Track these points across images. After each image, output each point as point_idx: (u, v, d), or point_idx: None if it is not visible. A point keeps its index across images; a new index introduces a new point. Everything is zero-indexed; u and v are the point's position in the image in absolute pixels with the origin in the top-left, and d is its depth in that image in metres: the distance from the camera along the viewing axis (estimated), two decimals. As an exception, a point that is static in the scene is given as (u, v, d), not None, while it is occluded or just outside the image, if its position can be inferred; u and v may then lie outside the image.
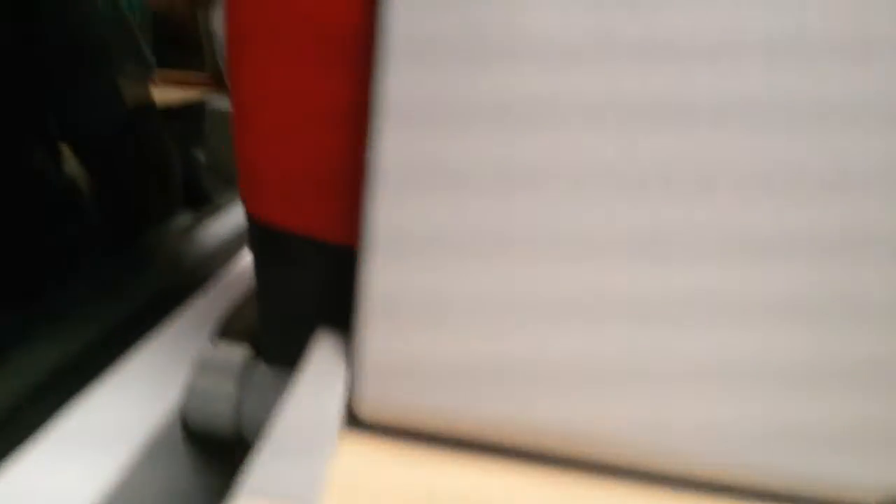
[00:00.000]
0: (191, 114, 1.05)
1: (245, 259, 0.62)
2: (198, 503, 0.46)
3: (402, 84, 0.24)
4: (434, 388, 0.28)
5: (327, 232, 0.32)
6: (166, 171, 0.66)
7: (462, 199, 0.25)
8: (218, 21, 0.36)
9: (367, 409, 0.29)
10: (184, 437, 0.42)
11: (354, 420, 0.30)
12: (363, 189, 0.26)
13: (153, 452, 0.39)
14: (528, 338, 0.27)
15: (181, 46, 1.40)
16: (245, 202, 0.34)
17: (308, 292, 0.35)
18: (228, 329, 0.45)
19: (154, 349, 0.46)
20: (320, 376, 0.30)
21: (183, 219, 0.73)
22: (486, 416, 0.29)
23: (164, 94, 0.99)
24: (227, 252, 0.64)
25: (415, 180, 0.25)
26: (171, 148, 0.66)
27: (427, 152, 0.25)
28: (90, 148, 0.60)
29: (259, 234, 0.34)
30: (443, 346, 0.27)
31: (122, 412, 0.39)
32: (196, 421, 0.41)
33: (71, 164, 0.63)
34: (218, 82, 1.33)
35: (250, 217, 0.34)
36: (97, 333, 0.48)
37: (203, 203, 0.86)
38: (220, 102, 1.07)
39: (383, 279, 0.27)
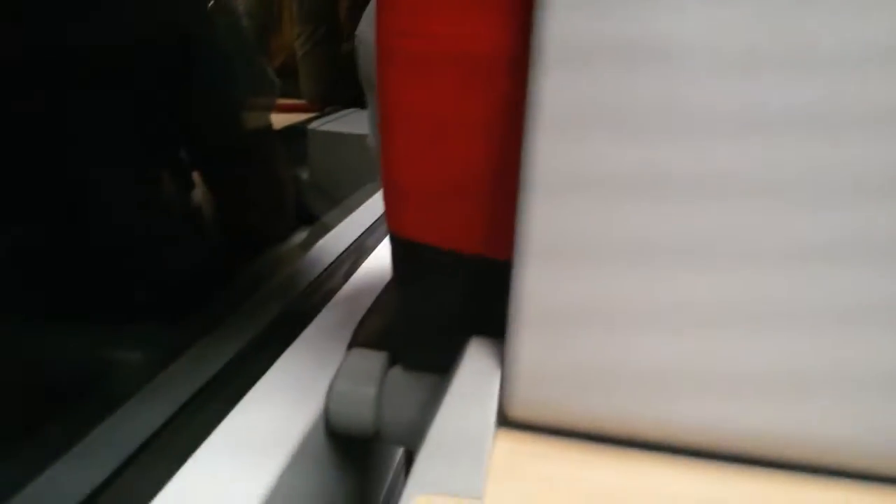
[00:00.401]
0: (293, 136, 1.11)
1: (364, 271, 0.65)
2: (339, 500, 0.49)
3: (555, 91, 0.26)
4: (584, 390, 0.30)
5: (469, 244, 0.34)
6: (285, 192, 0.71)
7: (615, 205, 0.27)
8: (367, 34, 0.39)
9: (519, 410, 0.31)
10: (327, 438, 0.45)
11: (506, 420, 0.32)
12: (515, 200, 0.29)
13: (302, 455, 0.42)
14: (677, 342, 0.28)
15: (282, 73, 1.48)
16: (388, 220, 0.37)
17: (449, 303, 0.37)
18: (362, 337, 0.48)
19: (294, 359, 0.49)
20: (473, 380, 0.32)
21: (299, 236, 0.78)
22: (632, 415, 0.30)
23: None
24: (346, 266, 0.68)
25: (568, 188, 0.27)
26: (289, 170, 0.70)
27: (580, 160, 0.27)
28: (218, 173, 0.65)
29: (401, 250, 0.37)
30: (593, 350, 0.29)
31: (273, 420, 0.43)
32: (339, 423, 0.45)
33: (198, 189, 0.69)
34: (314, 107, 1.40)
35: (393, 234, 0.37)
36: (240, 347, 0.52)
37: (311, 221, 0.90)
38: (320, 125, 1.13)
39: (536, 287, 0.29)
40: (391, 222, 0.37)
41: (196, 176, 0.68)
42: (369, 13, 0.41)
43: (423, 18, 0.30)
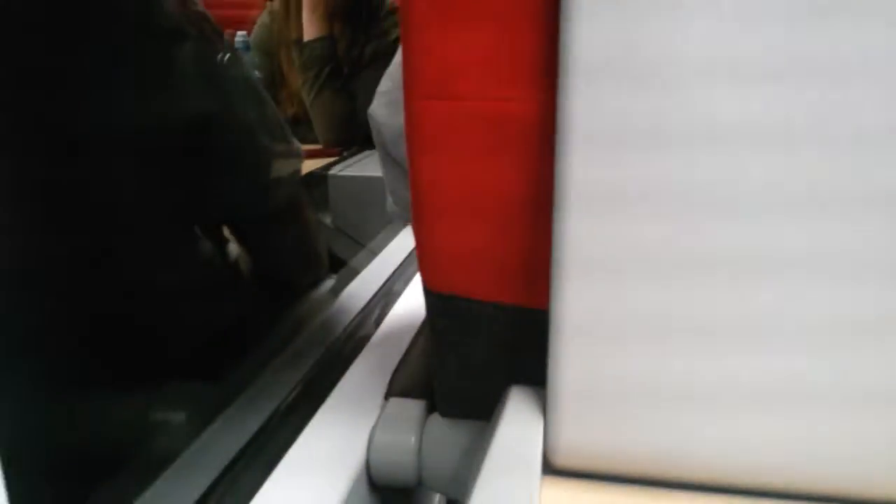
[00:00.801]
0: (315, 182, 1.13)
1: (395, 317, 0.66)
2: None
3: (583, 166, 0.27)
4: (628, 435, 0.30)
5: (506, 295, 0.35)
6: (315, 241, 0.73)
7: (647, 269, 0.28)
8: (380, 111, 0.40)
9: (564, 458, 0.32)
10: (369, 491, 0.46)
11: (551, 468, 0.32)
12: (549, 250, 0.30)
13: (347, 507, 0.42)
14: (722, 385, 0.29)
15: (295, 122, 1.51)
16: (422, 275, 0.38)
17: (487, 352, 0.38)
18: (398, 385, 0.49)
19: (332, 412, 0.50)
20: (516, 429, 0.33)
21: (328, 282, 0.79)
22: (677, 459, 0.31)
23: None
24: (376, 312, 0.69)
25: (600, 257, 0.28)
26: (318, 222, 0.72)
27: (611, 234, 0.28)
28: (249, 233, 0.67)
29: (437, 303, 0.38)
30: (636, 396, 0.30)
31: (316, 476, 0.43)
32: (381, 475, 0.45)
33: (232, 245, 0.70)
34: (332, 151, 1.42)
35: (427, 289, 0.38)
36: (278, 402, 0.53)
37: (338, 265, 0.92)
38: (340, 170, 1.15)
39: (576, 334, 0.30)
40: (426, 277, 0.38)
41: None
42: (383, 89, 0.43)
43: (450, 81, 0.31)
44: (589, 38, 0.27)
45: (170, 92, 0.53)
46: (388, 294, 0.75)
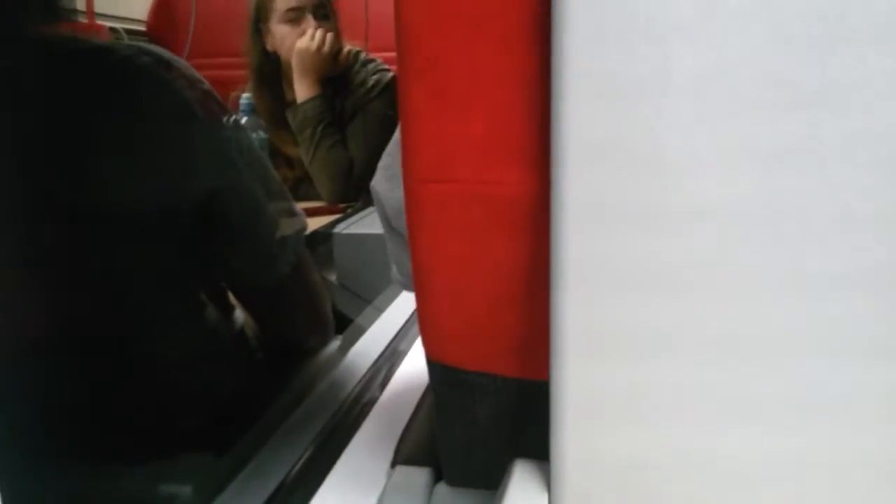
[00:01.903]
0: (319, 240, 1.14)
1: (400, 379, 0.66)
2: None
3: (578, 246, 0.28)
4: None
5: (507, 367, 0.36)
6: (322, 305, 0.73)
7: (645, 360, 0.29)
8: (381, 185, 0.42)
9: (569, 532, 0.32)
10: (378, 559, 0.46)
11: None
12: (548, 324, 0.30)
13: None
14: (725, 450, 0.29)
15: (301, 183, 1.54)
16: (425, 346, 0.39)
17: (490, 423, 0.38)
18: (404, 453, 0.49)
19: (339, 480, 0.50)
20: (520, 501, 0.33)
21: (334, 343, 0.80)
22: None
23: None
24: (381, 374, 0.69)
25: (597, 332, 0.29)
26: (324, 283, 0.72)
27: (605, 313, 0.29)
28: (255, 298, 0.68)
29: (440, 374, 0.38)
30: (638, 467, 0.30)
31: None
32: (389, 544, 0.45)
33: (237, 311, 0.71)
34: (336, 209, 1.44)
35: (430, 360, 0.39)
36: (286, 472, 0.53)
37: (344, 324, 0.92)
38: (345, 228, 1.17)
39: (576, 406, 0.30)
40: (429, 349, 0.38)
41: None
42: (384, 164, 0.44)
43: (447, 165, 0.32)
44: (579, 125, 0.28)
45: (178, 169, 0.55)
46: (393, 354, 0.75)
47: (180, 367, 0.57)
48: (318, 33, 1.41)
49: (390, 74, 1.54)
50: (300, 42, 1.42)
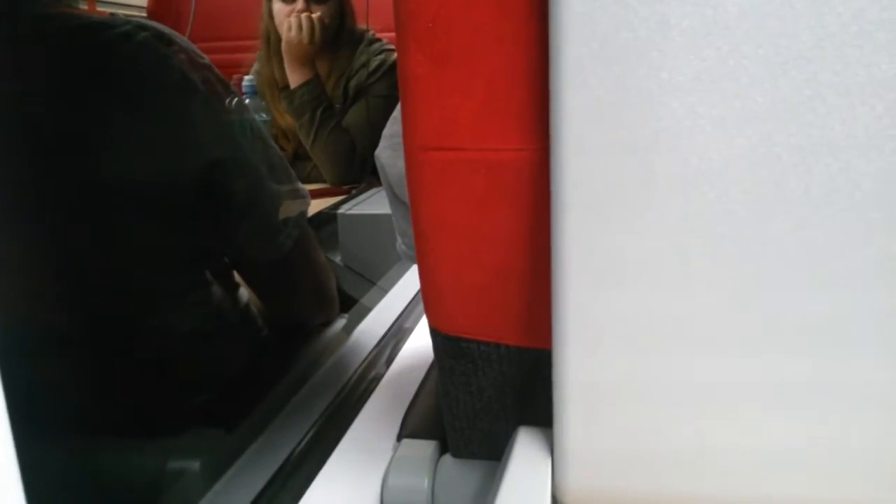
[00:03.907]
0: (323, 221, 1.15)
1: (405, 356, 0.67)
2: None
3: (577, 186, 0.28)
4: (634, 472, 0.31)
5: (510, 336, 0.36)
6: (326, 284, 0.74)
7: (646, 286, 0.29)
8: (385, 153, 0.42)
9: (572, 497, 0.32)
10: (386, 531, 0.46)
11: (560, 508, 0.33)
12: (550, 290, 0.30)
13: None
14: (720, 419, 0.29)
15: (298, 160, 1.53)
16: (428, 316, 0.39)
17: (494, 392, 0.39)
18: (410, 427, 0.49)
19: (346, 455, 0.50)
20: (525, 470, 0.33)
21: (339, 322, 0.80)
22: (683, 494, 0.31)
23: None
24: (387, 351, 0.69)
25: (599, 275, 0.29)
26: (328, 262, 0.73)
27: (608, 247, 0.29)
28: (260, 275, 0.68)
29: (443, 344, 0.39)
30: (641, 433, 0.30)
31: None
32: (396, 516, 0.45)
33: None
34: (340, 190, 1.44)
35: (434, 330, 0.39)
36: (293, 447, 0.53)
37: (348, 304, 0.92)
38: (349, 208, 1.17)
39: (579, 372, 0.30)
40: (431, 319, 0.38)
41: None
42: (388, 133, 0.44)
43: (447, 133, 0.32)
44: (577, 88, 0.28)
45: (180, 143, 0.55)
46: (398, 332, 0.75)
47: (186, 344, 0.57)
48: (304, 22, 1.38)
49: (395, 55, 1.52)
50: (285, 33, 1.40)
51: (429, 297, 0.38)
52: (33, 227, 0.50)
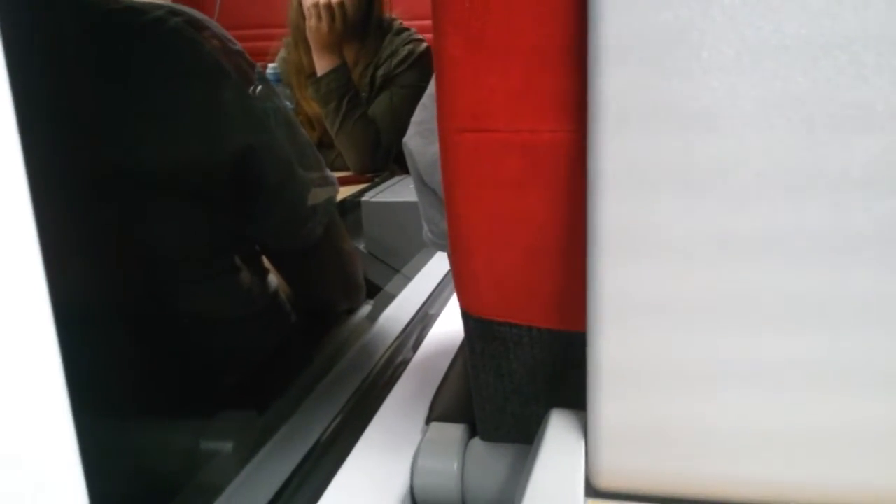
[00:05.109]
0: (348, 208, 1.15)
1: (432, 340, 0.67)
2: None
3: (615, 167, 0.28)
4: (669, 454, 0.31)
5: (544, 319, 0.36)
6: (353, 270, 0.74)
7: (681, 267, 0.28)
8: (414, 141, 0.42)
9: (606, 480, 0.32)
10: (415, 513, 0.46)
11: (594, 491, 0.33)
12: (584, 272, 0.30)
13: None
14: (759, 400, 0.29)
15: (322, 147, 1.54)
16: (460, 300, 0.39)
17: (526, 376, 0.39)
18: (439, 410, 0.50)
19: (375, 438, 0.51)
20: (558, 452, 0.33)
21: (365, 308, 0.81)
22: (719, 477, 0.31)
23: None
24: (414, 336, 0.70)
25: (634, 255, 0.29)
26: (355, 249, 0.73)
27: (643, 227, 0.29)
28: (289, 261, 0.69)
29: (475, 328, 0.39)
30: (675, 414, 0.30)
31: (361, 499, 0.44)
32: (425, 498, 0.46)
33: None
34: (364, 178, 1.44)
35: (466, 313, 0.39)
36: (322, 430, 0.54)
37: (373, 291, 0.93)
38: (373, 196, 1.17)
39: (613, 354, 0.30)
40: (463, 302, 0.39)
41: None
42: (417, 119, 0.44)
43: (483, 115, 0.32)
44: (616, 74, 0.27)
45: (212, 128, 0.55)
46: (424, 318, 0.75)
47: (217, 328, 0.58)
48: (323, 10, 1.38)
49: (423, 45, 1.52)
50: (308, 21, 1.40)
51: (461, 280, 0.38)
52: (72, 213, 0.51)
